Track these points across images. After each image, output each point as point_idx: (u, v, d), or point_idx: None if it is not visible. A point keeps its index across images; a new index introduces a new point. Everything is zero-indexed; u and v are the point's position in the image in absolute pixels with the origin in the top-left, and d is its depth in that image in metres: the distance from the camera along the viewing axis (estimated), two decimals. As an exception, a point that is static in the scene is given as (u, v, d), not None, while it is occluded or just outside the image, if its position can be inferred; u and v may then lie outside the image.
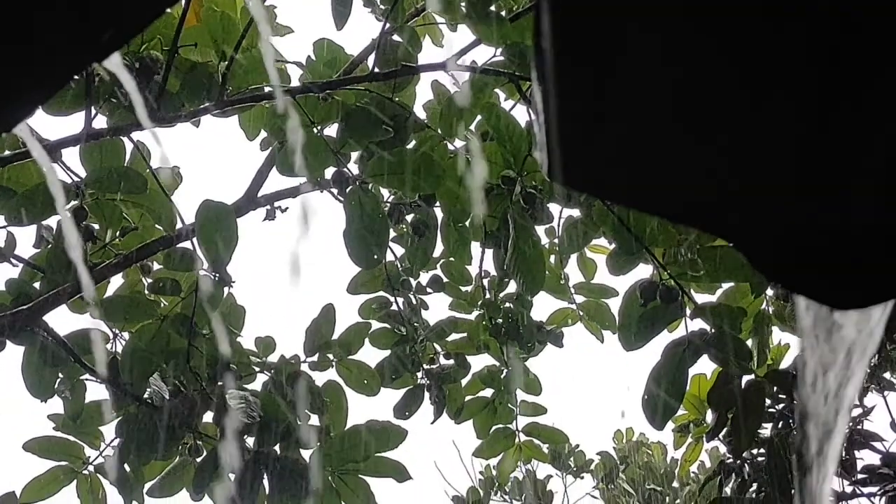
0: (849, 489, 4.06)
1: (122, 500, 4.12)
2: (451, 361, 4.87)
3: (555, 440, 5.35)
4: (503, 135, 3.63)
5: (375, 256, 3.72)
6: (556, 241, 4.38)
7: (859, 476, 4.07)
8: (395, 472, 3.91)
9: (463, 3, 3.70)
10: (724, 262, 3.44)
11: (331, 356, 4.26)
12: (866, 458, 4.12)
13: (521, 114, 3.84)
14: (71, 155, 3.86)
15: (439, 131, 3.76)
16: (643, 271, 3.67)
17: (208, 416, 4.00)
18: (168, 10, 3.40)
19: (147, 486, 4.10)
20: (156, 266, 4.28)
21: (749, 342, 3.83)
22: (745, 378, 3.63)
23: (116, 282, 4.27)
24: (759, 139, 0.71)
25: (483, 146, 3.75)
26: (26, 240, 4.09)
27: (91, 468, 4.18)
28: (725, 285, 3.93)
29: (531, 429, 5.04)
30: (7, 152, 3.70)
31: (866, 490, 4.08)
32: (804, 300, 0.83)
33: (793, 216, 0.74)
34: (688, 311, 3.52)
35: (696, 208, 0.78)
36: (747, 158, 0.72)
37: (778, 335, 4.23)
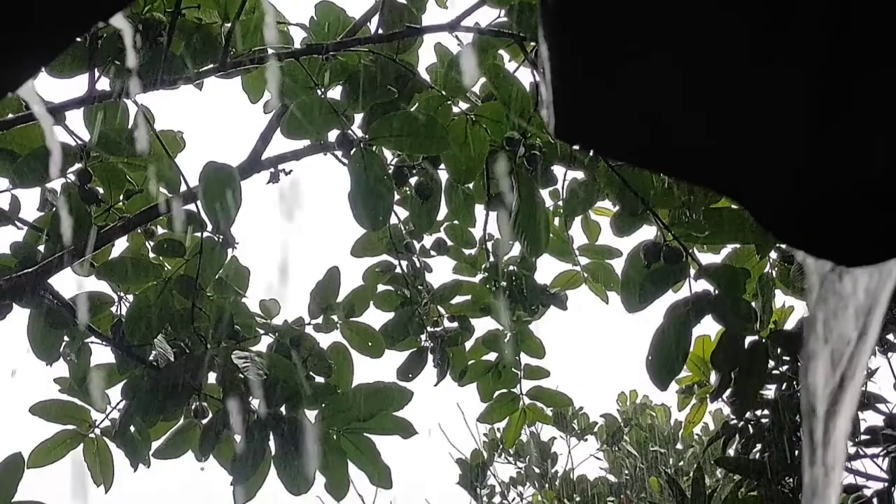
0: (852, 450, 4.07)
1: (128, 463, 4.14)
2: (455, 324, 4.88)
3: (559, 404, 5.36)
4: (507, 96, 3.62)
5: (380, 218, 3.71)
6: (559, 203, 4.38)
7: (863, 437, 4.08)
8: (401, 429, 3.92)
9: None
10: (729, 223, 3.44)
11: (335, 318, 4.27)
12: (870, 419, 4.13)
13: (524, 75, 3.83)
14: (75, 118, 3.86)
15: (443, 93, 3.75)
16: (647, 233, 3.67)
17: (213, 378, 4.02)
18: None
19: (153, 447, 4.12)
20: (160, 230, 4.28)
21: (753, 305, 3.83)
22: (749, 339, 3.64)
23: (121, 245, 4.28)
24: (765, 96, 0.71)
25: (487, 107, 3.74)
26: (31, 203, 4.09)
27: (97, 431, 4.20)
28: (729, 247, 3.93)
29: (535, 392, 5.04)
30: (10, 115, 3.69)
31: (869, 451, 4.10)
32: (811, 258, 0.83)
33: (800, 173, 0.74)
34: (691, 273, 3.52)
35: (702, 165, 0.78)
36: (754, 115, 0.72)
37: (781, 298, 4.24)
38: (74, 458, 4.19)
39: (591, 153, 3.57)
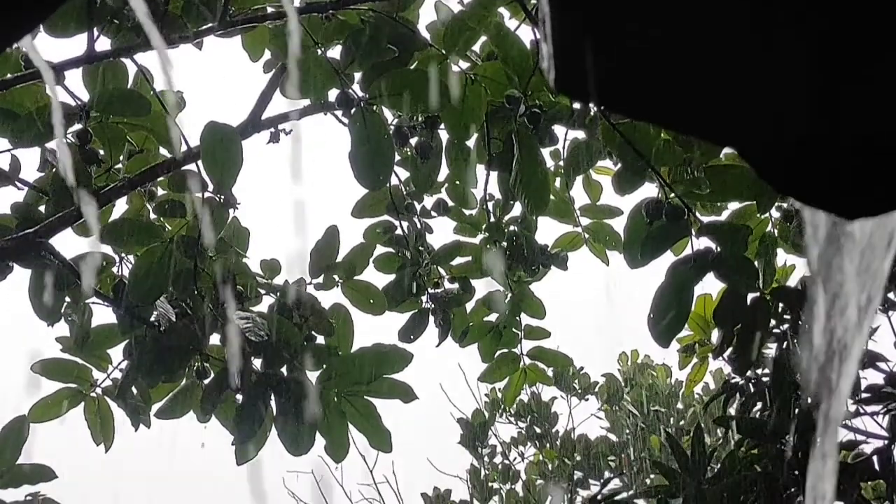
0: (852, 408, 4.08)
1: (129, 422, 4.16)
2: (456, 285, 4.88)
3: (559, 364, 5.38)
4: (507, 54, 3.60)
5: (381, 178, 3.71)
6: (560, 163, 4.37)
7: (863, 395, 4.09)
8: (402, 392, 3.93)
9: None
10: (730, 179, 3.43)
11: (336, 277, 4.27)
12: (870, 377, 4.14)
13: (525, 34, 3.81)
14: (74, 77, 3.84)
15: (443, 51, 3.73)
16: (649, 191, 3.66)
17: (215, 339, 4.02)
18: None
19: (155, 407, 4.13)
20: (160, 191, 4.27)
21: (755, 264, 3.83)
22: (751, 296, 3.64)
23: (122, 206, 4.28)
24: (769, 51, 0.70)
25: (487, 66, 3.72)
26: (31, 163, 4.08)
27: (99, 391, 4.21)
28: (731, 206, 3.93)
29: (536, 353, 5.05)
30: (9, 75, 3.68)
31: (869, 409, 4.11)
32: (813, 211, 0.83)
33: (802, 127, 0.73)
34: (693, 231, 3.52)
35: (703, 119, 0.77)
36: (757, 70, 0.71)
37: (783, 257, 4.23)
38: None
39: (590, 107, 3.56)
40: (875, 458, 3.96)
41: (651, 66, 0.74)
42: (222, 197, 3.81)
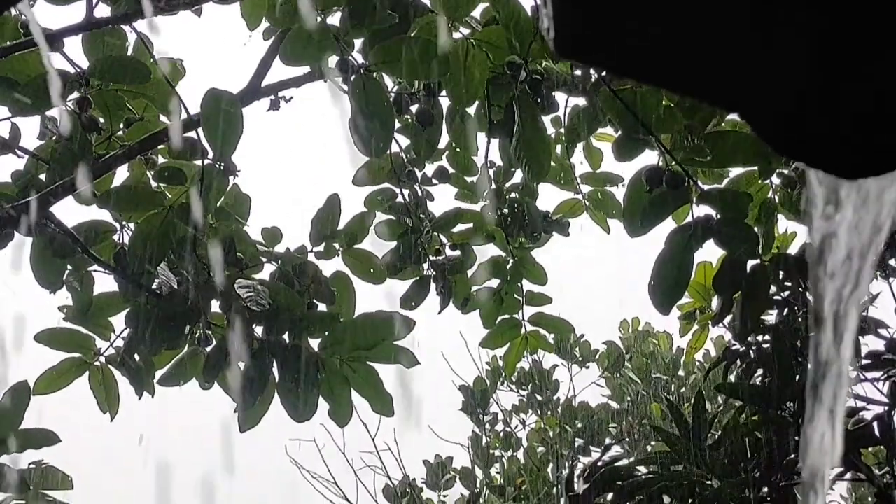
0: (853, 374, 4.09)
1: (133, 390, 4.17)
2: (457, 252, 4.88)
3: (560, 330, 5.38)
4: (508, 20, 3.59)
5: (381, 145, 3.70)
6: (561, 130, 4.36)
7: (864, 362, 4.10)
8: (404, 358, 3.94)
9: None
10: (731, 146, 3.43)
11: (337, 245, 4.27)
12: (871, 343, 4.15)
13: (526, 0, 3.79)
14: (73, 45, 3.83)
15: (444, 17, 3.71)
16: (649, 158, 3.66)
17: (217, 306, 4.03)
18: None
19: (158, 375, 4.14)
20: (160, 159, 4.26)
21: (755, 230, 3.83)
22: (751, 263, 3.64)
23: (122, 173, 4.27)
24: (768, 30, 0.70)
25: (488, 32, 3.71)
26: (31, 131, 4.07)
27: (102, 359, 4.22)
28: (732, 173, 3.92)
29: (537, 319, 5.06)
30: (8, 43, 3.67)
31: (870, 375, 4.12)
32: (814, 172, 0.83)
33: (804, 88, 0.73)
34: (693, 198, 3.52)
35: (704, 81, 0.77)
36: (759, 32, 0.71)
37: (783, 224, 4.23)
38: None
39: (591, 73, 3.55)
40: (875, 424, 3.97)
41: (652, 27, 0.74)
42: (223, 164, 3.80)
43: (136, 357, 4.11)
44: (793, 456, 3.80)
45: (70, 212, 4.07)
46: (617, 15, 0.73)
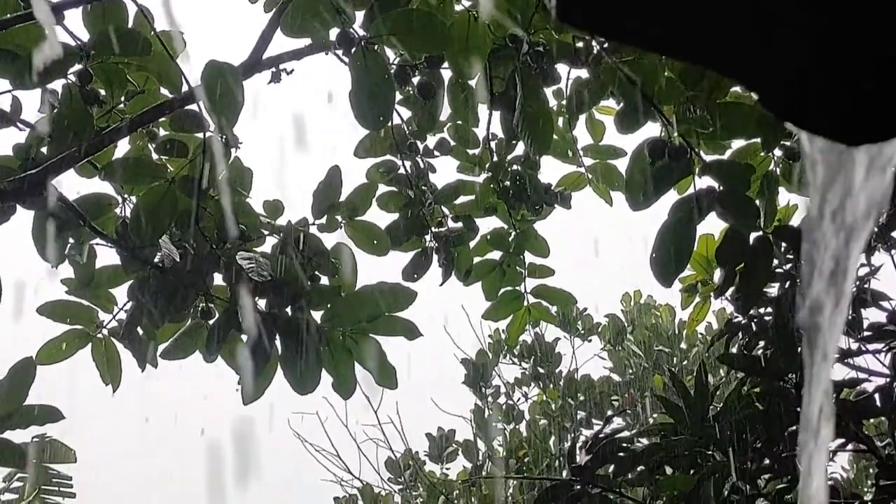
0: (854, 346, 4.10)
1: (136, 363, 4.17)
2: (459, 224, 4.88)
3: (563, 302, 5.38)
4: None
5: (381, 117, 3.69)
6: (563, 103, 4.35)
7: (865, 333, 4.11)
8: (406, 330, 3.94)
9: None
10: (733, 117, 3.42)
11: (339, 217, 4.27)
12: (872, 316, 4.15)
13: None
14: (74, 17, 3.82)
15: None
16: (652, 130, 3.65)
17: (219, 279, 4.03)
18: None
19: (160, 348, 4.15)
20: (162, 132, 4.26)
21: (757, 203, 3.83)
22: (754, 235, 3.64)
23: (124, 146, 4.27)
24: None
25: (489, 4, 3.69)
26: (32, 104, 4.06)
27: (105, 332, 4.22)
28: (734, 145, 3.91)
29: (539, 291, 5.06)
30: (8, 15, 3.65)
31: (871, 347, 4.12)
32: (815, 138, 0.83)
33: (806, 55, 0.73)
34: (696, 170, 3.51)
35: (706, 49, 0.77)
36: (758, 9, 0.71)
37: (785, 197, 4.23)
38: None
39: (593, 45, 3.54)
40: (877, 395, 3.98)
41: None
42: (224, 137, 3.80)
43: (139, 330, 4.11)
44: (794, 427, 3.81)
45: (72, 185, 4.07)
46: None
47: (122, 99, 4.05)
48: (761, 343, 4.17)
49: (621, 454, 4.09)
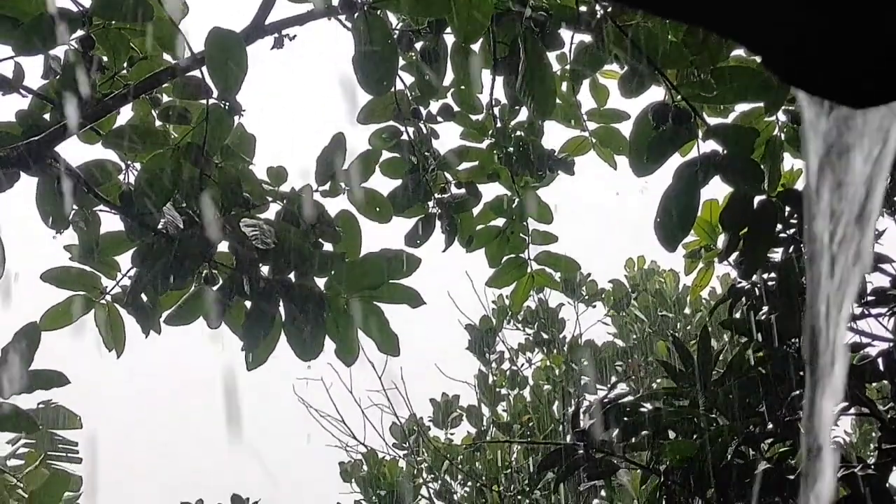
0: (857, 310, 4.10)
1: (139, 329, 4.18)
2: (462, 190, 4.87)
3: (567, 268, 5.38)
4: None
5: (384, 83, 3.68)
6: (566, 67, 4.34)
7: (868, 298, 4.11)
8: (409, 297, 3.95)
9: None
10: (737, 81, 3.40)
11: (342, 184, 4.26)
12: (875, 280, 4.15)
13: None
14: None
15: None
16: (656, 94, 3.64)
17: (223, 246, 4.03)
18: None
19: (164, 314, 4.15)
20: (165, 98, 4.25)
21: (761, 167, 3.82)
22: (757, 199, 3.63)
23: (126, 113, 4.26)
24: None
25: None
26: (34, 70, 4.06)
27: (108, 298, 4.23)
28: (738, 109, 3.90)
29: (543, 257, 5.05)
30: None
31: (874, 311, 4.13)
32: (818, 100, 0.82)
33: (809, 17, 0.73)
34: (700, 134, 3.50)
35: (710, 11, 0.77)
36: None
37: (790, 161, 4.22)
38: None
39: (597, 8, 3.52)
40: (880, 359, 3.99)
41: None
42: (227, 103, 3.79)
43: (143, 296, 4.11)
44: (797, 392, 3.82)
45: (75, 151, 4.07)
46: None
47: (125, 65, 4.04)
48: (765, 308, 4.17)
49: (625, 419, 4.11)
